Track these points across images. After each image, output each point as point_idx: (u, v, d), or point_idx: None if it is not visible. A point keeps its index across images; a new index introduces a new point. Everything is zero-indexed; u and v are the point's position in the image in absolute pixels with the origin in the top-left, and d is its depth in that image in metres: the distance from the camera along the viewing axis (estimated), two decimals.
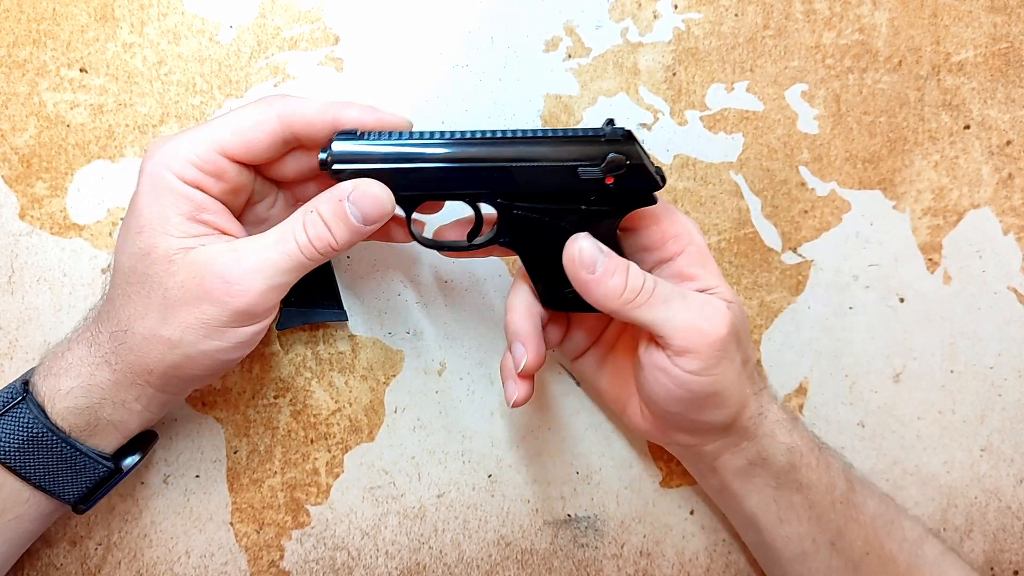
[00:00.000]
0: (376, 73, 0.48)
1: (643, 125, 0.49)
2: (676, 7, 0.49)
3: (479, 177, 0.38)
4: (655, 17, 0.49)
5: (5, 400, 0.38)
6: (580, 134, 0.38)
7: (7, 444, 0.37)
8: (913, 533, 0.43)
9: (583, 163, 0.37)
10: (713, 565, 0.51)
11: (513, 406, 0.41)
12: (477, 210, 0.41)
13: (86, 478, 0.40)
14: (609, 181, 0.38)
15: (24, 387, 0.38)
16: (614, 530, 0.51)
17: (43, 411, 0.38)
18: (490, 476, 0.50)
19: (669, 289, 0.39)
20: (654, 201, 0.39)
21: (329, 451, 0.49)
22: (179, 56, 0.47)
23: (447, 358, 0.50)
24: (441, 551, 0.50)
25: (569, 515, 0.51)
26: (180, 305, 0.37)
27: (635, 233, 0.42)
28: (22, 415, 0.37)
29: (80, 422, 0.38)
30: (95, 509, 0.48)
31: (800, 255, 0.50)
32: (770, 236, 0.50)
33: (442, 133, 0.38)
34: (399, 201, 0.39)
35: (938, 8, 0.50)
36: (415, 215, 0.41)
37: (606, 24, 0.49)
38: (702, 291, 0.40)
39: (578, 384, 0.50)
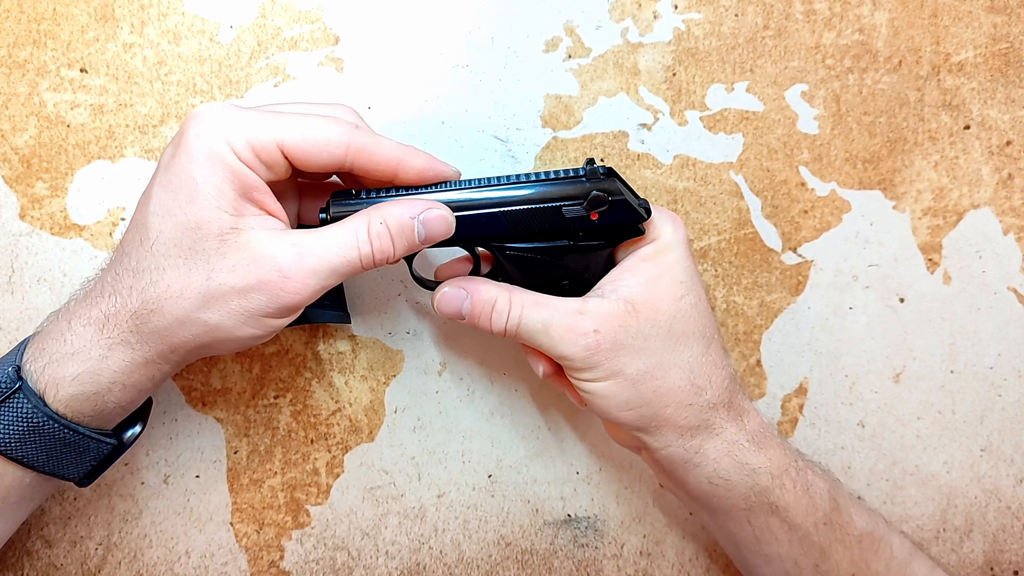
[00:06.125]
0: (376, 73, 0.48)
1: (643, 125, 0.49)
2: (676, 7, 0.49)
3: (471, 225, 0.39)
4: (655, 17, 0.49)
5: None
6: (562, 175, 0.39)
7: (6, 435, 0.36)
8: (902, 551, 0.43)
9: (566, 203, 0.39)
10: (713, 565, 0.51)
11: (544, 376, 0.43)
12: (474, 253, 0.43)
13: (90, 458, 0.38)
14: (594, 217, 0.39)
15: (17, 374, 0.36)
16: (614, 530, 0.51)
17: (42, 399, 0.36)
18: (490, 476, 0.50)
19: (536, 308, 0.40)
20: (642, 232, 0.41)
21: (329, 451, 0.49)
22: (179, 56, 0.47)
23: (447, 358, 0.50)
24: (441, 551, 0.50)
25: (569, 515, 0.51)
26: (226, 289, 0.35)
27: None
28: (19, 406, 0.36)
29: (85, 408, 0.37)
30: (95, 509, 0.48)
31: (800, 255, 0.50)
32: (770, 236, 0.50)
33: (427, 187, 0.40)
34: None
35: (938, 8, 0.50)
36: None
37: (606, 24, 0.49)
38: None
39: None
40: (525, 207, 0.39)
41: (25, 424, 0.36)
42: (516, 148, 0.49)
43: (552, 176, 0.39)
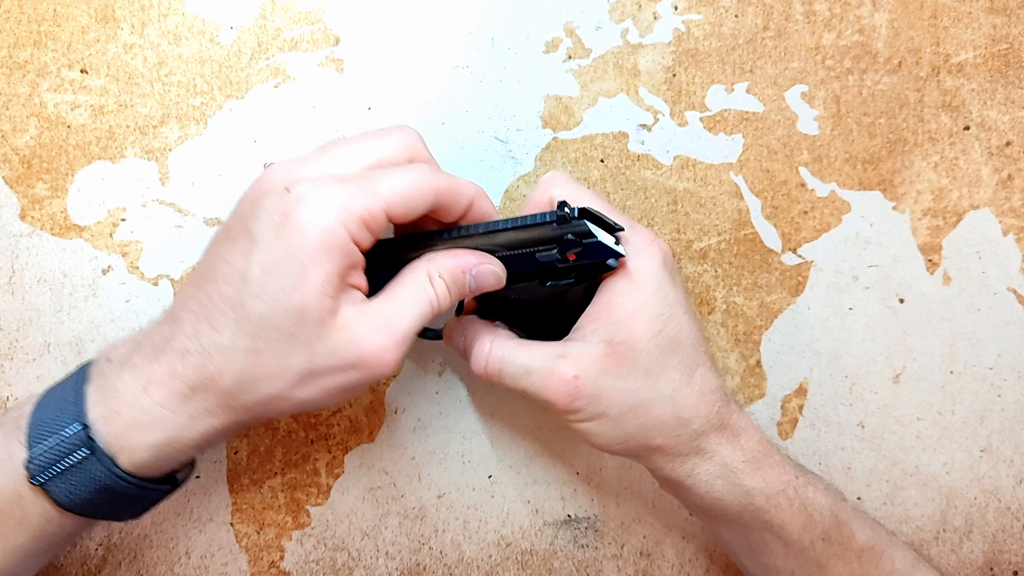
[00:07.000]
0: (376, 74, 0.48)
1: (643, 126, 0.49)
2: (676, 8, 0.49)
3: None
4: (655, 18, 0.49)
5: (67, 450, 0.35)
6: (533, 221, 0.39)
7: (75, 496, 0.35)
8: (904, 564, 0.43)
9: (540, 248, 0.39)
10: (713, 565, 0.51)
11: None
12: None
13: (148, 503, 0.39)
14: (571, 258, 0.39)
15: (87, 434, 0.35)
16: (614, 530, 0.51)
17: (114, 461, 0.35)
18: (490, 476, 0.50)
19: (516, 356, 0.41)
20: (612, 267, 0.40)
21: (329, 451, 0.49)
22: (180, 57, 0.47)
23: (447, 358, 0.50)
24: (441, 552, 0.50)
25: (569, 515, 0.51)
26: (326, 369, 0.35)
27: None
28: (92, 470, 0.35)
29: (155, 471, 0.37)
30: None
31: (800, 256, 0.50)
32: (770, 237, 0.50)
33: (403, 238, 0.40)
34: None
35: (938, 9, 0.50)
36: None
37: (606, 25, 0.49)
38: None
39: None
40: (499, 256, 0.39)
41: (95, 485, 0.35)
42: (516, 149, 0.49)
43: (524, 223, 0.39)
